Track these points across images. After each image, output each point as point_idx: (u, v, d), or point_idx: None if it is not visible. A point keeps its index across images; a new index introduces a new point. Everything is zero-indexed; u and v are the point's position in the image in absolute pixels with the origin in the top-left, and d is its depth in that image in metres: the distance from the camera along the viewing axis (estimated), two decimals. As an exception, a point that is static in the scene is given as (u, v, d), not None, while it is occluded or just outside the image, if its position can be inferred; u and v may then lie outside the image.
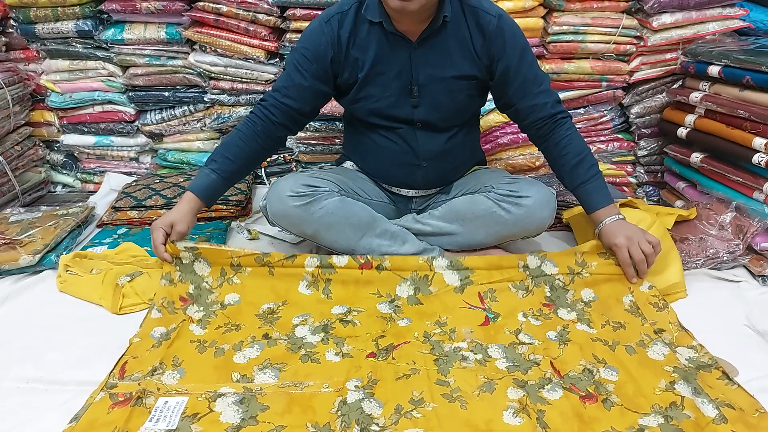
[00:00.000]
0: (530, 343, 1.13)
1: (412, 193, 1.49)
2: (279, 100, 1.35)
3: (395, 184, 1.49)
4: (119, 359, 1.08)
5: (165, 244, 1.28)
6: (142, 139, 2.06)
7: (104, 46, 1.91)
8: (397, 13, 1.21)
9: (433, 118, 1.38)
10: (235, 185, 1.82)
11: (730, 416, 0.93)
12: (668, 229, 1.44)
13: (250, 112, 1.38)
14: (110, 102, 2.01)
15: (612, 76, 1.86)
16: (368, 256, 1.33)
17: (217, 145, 1.39)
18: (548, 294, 1.29)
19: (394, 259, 1.33)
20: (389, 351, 1.11)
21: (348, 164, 1.55)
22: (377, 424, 0.92)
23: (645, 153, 1.94)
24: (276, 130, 1.37)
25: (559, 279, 1.32)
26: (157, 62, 1.92)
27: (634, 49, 1.83)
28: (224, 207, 1.74)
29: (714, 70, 1.59)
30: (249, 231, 1.66)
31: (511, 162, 1.94)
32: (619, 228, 1.27)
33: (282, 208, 1.33)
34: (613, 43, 1.82)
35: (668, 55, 1.84)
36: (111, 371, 1.04)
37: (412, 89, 1.33)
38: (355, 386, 1.00)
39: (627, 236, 1.25)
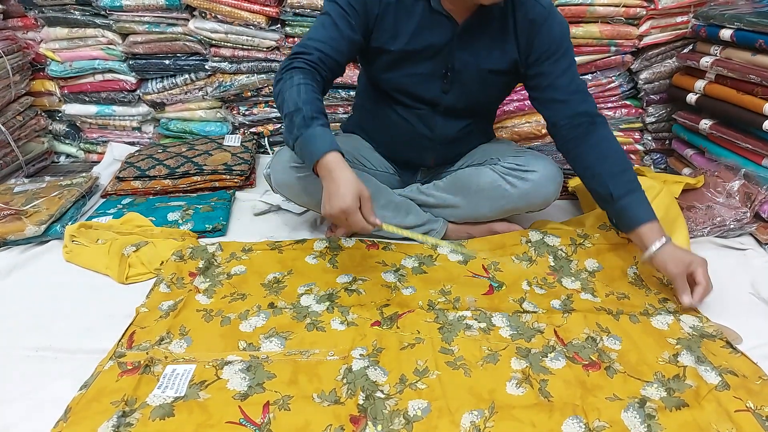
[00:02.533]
0: (534, 312, 1.14)
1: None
2: (327, 54, 1.17)
3: (402, 160, 1.48)
4: (127, 329, 1.09)
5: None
6: (143, 109, 2.04)
7: (103, 12, 1.88)
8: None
9: (460, 106, 1.34)
10: (239, 155, 1.82)
11: (732, 383, 0.93)
12: (675, 197, 1.43)
13: (292, 67, 1.15)
14: (111, 71, 1.99)
15: (621, 41, 1.82)
16: (375, 240, 1.38)
17: (290, 108, 1.10)
18: (552, 263, 1.29)
19: (399, 245, 1.37)
20: (394, 320, 1.11)
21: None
22: (382, 391, 0.93)
23: (653, 120, 1.92)
24: (324, 86, 1.20)
25: (561, 250, 1.32)
26: (157, 29, 1.89)
27: (644, 12, 1.78)
28: (228, 177, 1.74)
29: (726, 33, 1.55)
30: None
31: (516, 130, 1.92)
32: (683, 252, 1.14)
33: (285, 179, 1.32)
34: (623, 6, 1.77)
35: (679, 19, 1.79)
36: (119, 341, 1.06)
37: (446, 74, 1.27)
38: (360, 354, 1.01)
39: (699, 260, 1.13)
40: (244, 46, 1.89)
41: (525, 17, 1.21)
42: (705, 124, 1.64)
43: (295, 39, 1.87)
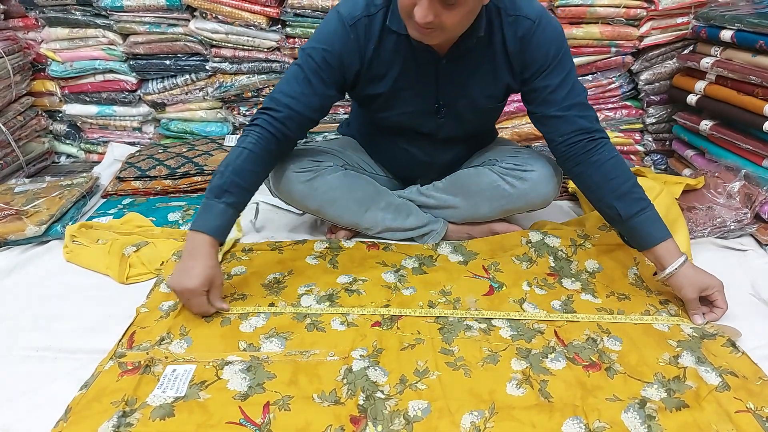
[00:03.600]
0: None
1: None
2: (297, 110, 1.14)
3: (402, 177, 1.49)
4: (127, 329, 1.09)
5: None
6: (144, 109, 2.05)
7: (103, 13, 1.88)
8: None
9: (459, 135, 1.34)
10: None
11: (733, 384, 0.93)
12: (675, 198, 1.43)
13: (255, 123, 1.15)
14: (111, 71, 1.99)
15: (621, 42, 1.82)
16: (375, 241, 1.39)
17: (220, 168, 1.13)
18: (552, 264, 1.29)
19: (400, 245, 1.38)
20: (394, 320, 1.11)
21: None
22: (382, 392, 0.93)
23: (654, 120, 1.92)
24: (289, 146, 1.23)
25: (562, 250, 1.32)
26: (158, 30, 1.89)
27: (645, 13, 1.78)
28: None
29: (726, 34, 1.55)
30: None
31: (516, 130, 1.92)
32: (699, 276, 1.11)
33: (286, 185, 1.31)
34: (623, 7, 1.77)
35: (679, 20, 1.79)
36: (119, 341, 1.06)
37: (438, 108, 1.24)
38: (360, 355, 1.01)
39: (717, 285, 1.11)
40: (245, 47, 1.89)
41: (514, 36, 1.14)
42: (705, 125, 1.64)
43: (296, 39, 1.88)
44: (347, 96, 1.30)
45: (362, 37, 1.13)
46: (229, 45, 1.89)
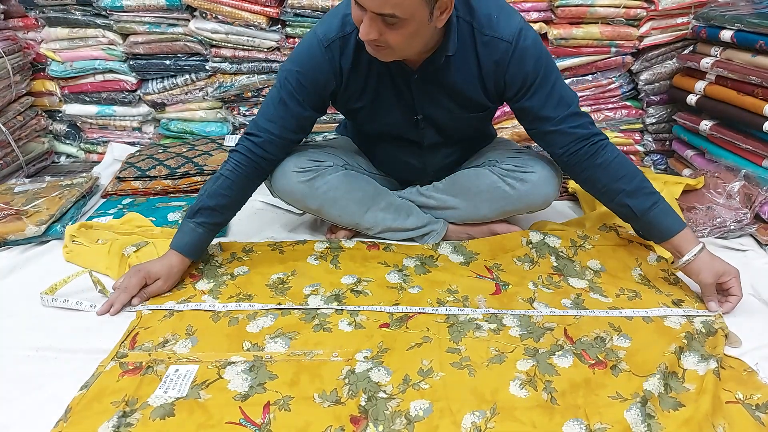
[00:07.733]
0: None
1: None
2: (275, 133, 1.21)
3: (399, 179, 1.50)
4: (130, 330, 1.09)
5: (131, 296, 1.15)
6: (144, 109, 2.04)
7: (103, 13, 1.88)
8: None
9: (444, 142, 1.35)
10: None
11: (723, 375, 0.94)
12: (675, 198, 1.43)
13: (236, 150, 1.22)
14: (111, 71, 1.99)
15: (621, 42, 1.82)
16: (375, 241, 1.39)
17: (200, 191, 1.24)
18: (555, 264, 1.29)
19: (400, 245, 1.38)
20: (403, 321, 1.10)
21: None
22: (384, 392, 0.93)
23: (653, 121, 1.92)
24: (270, 167, 1.27)
25: (562, 251, 1.32)
26: (158, 30, 1.89)
27: (645, 14, 1.78)
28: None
29: (726, 34, 1.55)
30: None
31: (516, 130, 1.91)
32: (717, 262, 1.13)
33: (286, 184, 1.31)
34: (623, 7, 1.77)
35: (679, 20, 1.79)
36: (121, 341, 1.06)
37: (417, 120, 1.26)
38: (364, 357, 1.01)
39: (734, 272, 1.12)
40: (245, 47, 1.89)
41: (489, 59, 1.13)
42: (705, 125, 1.64)
43: (296, 39, 1.88)
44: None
45: (337, 57, 1.16)
46: (229, 45, 1.89)
